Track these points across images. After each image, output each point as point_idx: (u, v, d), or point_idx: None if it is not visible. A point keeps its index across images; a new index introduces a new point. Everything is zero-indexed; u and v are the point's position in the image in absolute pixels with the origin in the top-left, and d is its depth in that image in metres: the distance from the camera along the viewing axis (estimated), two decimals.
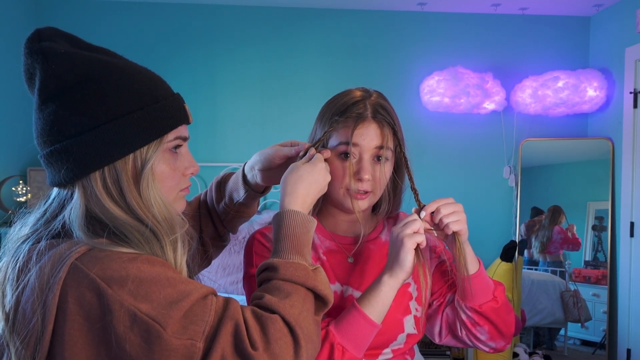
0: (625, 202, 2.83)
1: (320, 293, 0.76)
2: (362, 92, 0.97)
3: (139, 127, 0.73)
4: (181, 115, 0.79)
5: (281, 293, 0.73)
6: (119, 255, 0.68)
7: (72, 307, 0.64)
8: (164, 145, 0.77)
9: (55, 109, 0.71)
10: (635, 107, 2.76)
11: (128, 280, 0.65)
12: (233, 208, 1.06)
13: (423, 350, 2.84)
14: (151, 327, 0.64)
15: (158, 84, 0.79)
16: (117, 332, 0.64)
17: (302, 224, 0.81)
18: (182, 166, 0.82)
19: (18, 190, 2.75)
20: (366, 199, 0.94)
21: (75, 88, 0.71)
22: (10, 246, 0.75)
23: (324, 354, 0.83)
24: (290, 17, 3.14)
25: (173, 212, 0.78)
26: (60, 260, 0.66)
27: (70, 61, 0.72)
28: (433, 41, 3.17)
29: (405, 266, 0.87)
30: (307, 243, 0.81)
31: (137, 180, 0.74)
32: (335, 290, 0.96)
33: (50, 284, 0.65)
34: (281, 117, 3.14)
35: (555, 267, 3.11)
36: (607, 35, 3.05)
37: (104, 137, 0.71)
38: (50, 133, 0.72)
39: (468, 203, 3.58)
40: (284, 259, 0.77)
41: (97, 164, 0.72)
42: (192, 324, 0.66)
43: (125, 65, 0.77)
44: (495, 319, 0.95)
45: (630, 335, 2.80)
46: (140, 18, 3.08)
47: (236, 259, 2.74)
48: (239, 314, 0.69)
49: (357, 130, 0.91)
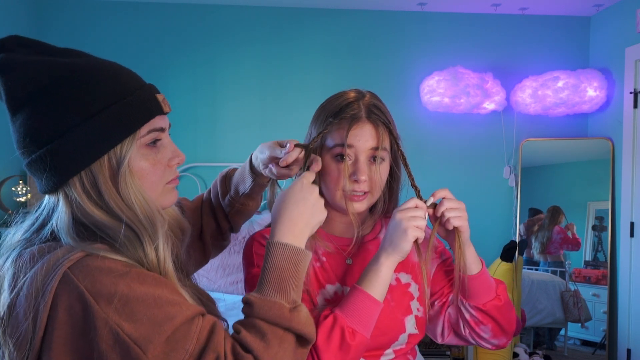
0: (625, 202, 2.83)
1: (298, 333, 0.74)
2: (356, 93, 0.96)
3: (107, 127, 0.71)
4: (152, 107, 0.76)
5: (258, 332, 0.72)
6: (111, 268, 0.68)
7: (62, 316, 0.65)
8: (138, 141, 0.75)
9: (24, 120, 0.71)
10: (635, 107, 2.76)
11: (115, 298, 0.65)
12: (238, 200, 1.06)
13: (423, 350, 2.84)
14: (132, 349, 0.64)
15: (124, 79, 0.76)
16: (99, 349, 0.64)
17: (290, 258, 0.78)
18: (165, 158, 0.79)
19: (18, 190, 2.75)
20: (363, 201, 0.94)
21: (39, 96, 0.70)
22: (4, 251, 0.75)
23: (335, 338, 0.83)
24: (290, 17, 3.14)
25: (155, 208, 0.77)
26: (54, 267, 0.67)
27: (31, 70, 0.71)
28: (433, 41, 3.17)
29: (403, 252, 0.89)
30: (293, 277, 0.77)
31: (115, 180, 0.73)
32: (336, 291, 0.97)
33: (43, 292, 0.65)
34: (281, 117, 3.14)
35: (556, 267, 3.11)
36: (607, 35, 3.05)
37: (73, 143, 0.70)
38: (25, 144, 0.72)
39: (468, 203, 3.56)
40: (263, 296, 0.75)
41: (73, 170, 0.71)
42: (173, 351, 0.66)
43: (88, 65, 0.74)
44: (498, 317, 0.96)
45: (630, 335, 2.80)
46: (141, 18, 3.08)
47: (236, 259, 2.74)
48: (222, 346, 0.69)
49: (351, 131, 0.91)
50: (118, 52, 3.04)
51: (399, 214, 0.89)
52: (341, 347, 0.83)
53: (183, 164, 0.86)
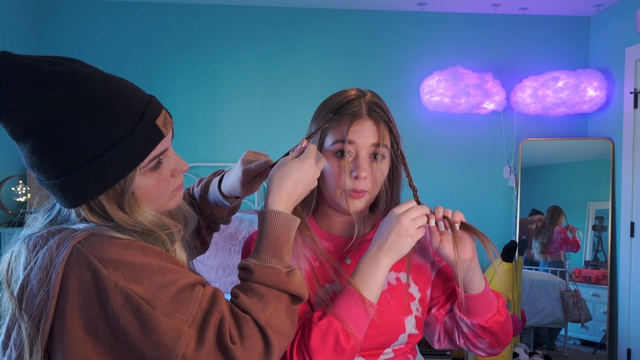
0: (625, 202, 2.82)
1: (294, 294, 0.80)
2: (357, 91, 0.96)
3: (108, 169, 0.73)
4: (153, 136, 0.76)
5: (255, 295, 0.77)
6: (116, 241, 0.73)
7: (74, 284, 0.70)
8: (142, 169, 0.77)
9: (28, 153, 0.74)
10: (635, 107, 2.76)
11: (122, 265, 0.70)
12: (222, 212, 1.09)
13: (423, 350, 2.84)
14: (142, 306, 0.69)
15: (124, 109, 0.73)
16: (112, 309, 0.69)
17: (284, 225, 0.82)
18: (169, 171, 0.82)
19: (18, 190, 2.75)
20: (362, 198, 0.93)
21: (39, 136, 0.71)
22: (20, 239, 0.79)
23: (330, 342, 0.83)
24: (290, 17, 3.14)
25: (165, 219, 0.81)
26: (63, 242, 0.72)
27: (29, 107, 0.69)
28: (433, 41, 3.17)
29: (404, 254, 0.89)
30: (286, 243, 0.83)
31: (121, 206, 0.77)
32: (334, 290, 0.96)
33: (54, 264, 0.70)
34: (281, 117, 3.14)
35: (556, 267, 3.11)
36: (607, 35, 3.05)
37: (77, 182, 0.73)
38: (32, 170, 0.76)
39: (468, 203, 3.58)
40: (260, 262, 0.80)
41: (79, 202, 0.75)
42: (180, 308, 0.71)
43: (85, 101, 0.71)
44: (498, 332, 0.95)
45: (630, 335, 2.80)
46: (141, 18, 3.08)
47: (236, 259, 2.73)
48: (225, 307, 0.75)
49: (352, 127, 0.90)
50: (118, 52, 3.04)
51: (403, 217, 0.88)
52: (335, 349, 0.83)
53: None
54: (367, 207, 0.97)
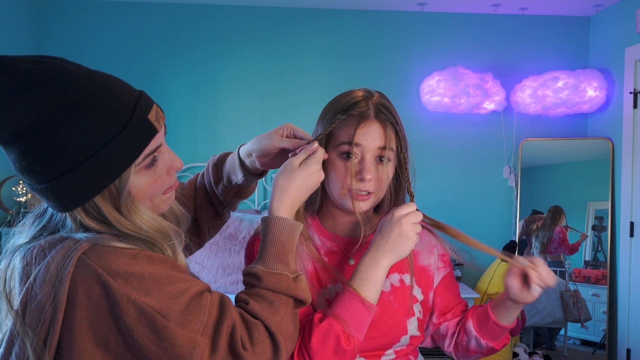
0: (625, 202, 2.83)
1: (299, 299, 0.81)
2: (364, 92, 0.95)
3: (100, 170, 0.70)
4: (146, 133, 0.73)
5: (265, 301, 0.78)
6: (122, 251, 0.71)
7: (82, 298, 0.68)
8: (136, 168, 0.74)
9: (16, 157, 0.70)
10: (635, 107, 2.76)
11: (131, 277, 0.69)
12: (232, 189, 1.04)
13: (423, 350, 2.84)
14: (157, 319, 0.68)
15: (115, 106, 0.70)
16: (125, 323, 0.68)
17: (289, 232, 0.83)
18: (165, 168, 0.80)
19: (18, 190, 2.75)
20: (368, 200, 0.93)
21: (27, 138, 0.67)
22: (10, 252, 0.76)
23: (330, 344, 0.83)
24: (290, 17, 3.14)
25: (163, 222, 0.79)
26: (67, 255, 0.69)
27: (14, 109, 0.66)
28: (433, 41, 3.17)
29: (403, 256, 0.89)
30: (291, 249, 0.83)
31: (118, 207, 0.74)
32: (337, 291, 0.96)
33: (60, 277, 0.68)
34: (281, 117, 3.14)
35: (556, 267, 3.11)
36: (607, 35, 3.05)
37: (71, 184, 0.70)
38: (22, 175, 0.72)
39: (468, 203, 3.57)
40: (268, 269, 0.80)
41: (74, 205, 0.72)
42: (191, 317, 0.71)
43: (73, 99, 0.67)
44: (498, 350, 1.03)
45: (630, 335, 2.80)
46: (141, 18, 3.08)
47: (236, 259, 2.74)
48: (236, 314, 0.75)
49: (359, 129, 0.89)
50: (118, 52, 3.04)
51: (404, 220, 0.88)
52: (336, 351, 0.83)
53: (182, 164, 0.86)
54: (372, 207, 0.97)
